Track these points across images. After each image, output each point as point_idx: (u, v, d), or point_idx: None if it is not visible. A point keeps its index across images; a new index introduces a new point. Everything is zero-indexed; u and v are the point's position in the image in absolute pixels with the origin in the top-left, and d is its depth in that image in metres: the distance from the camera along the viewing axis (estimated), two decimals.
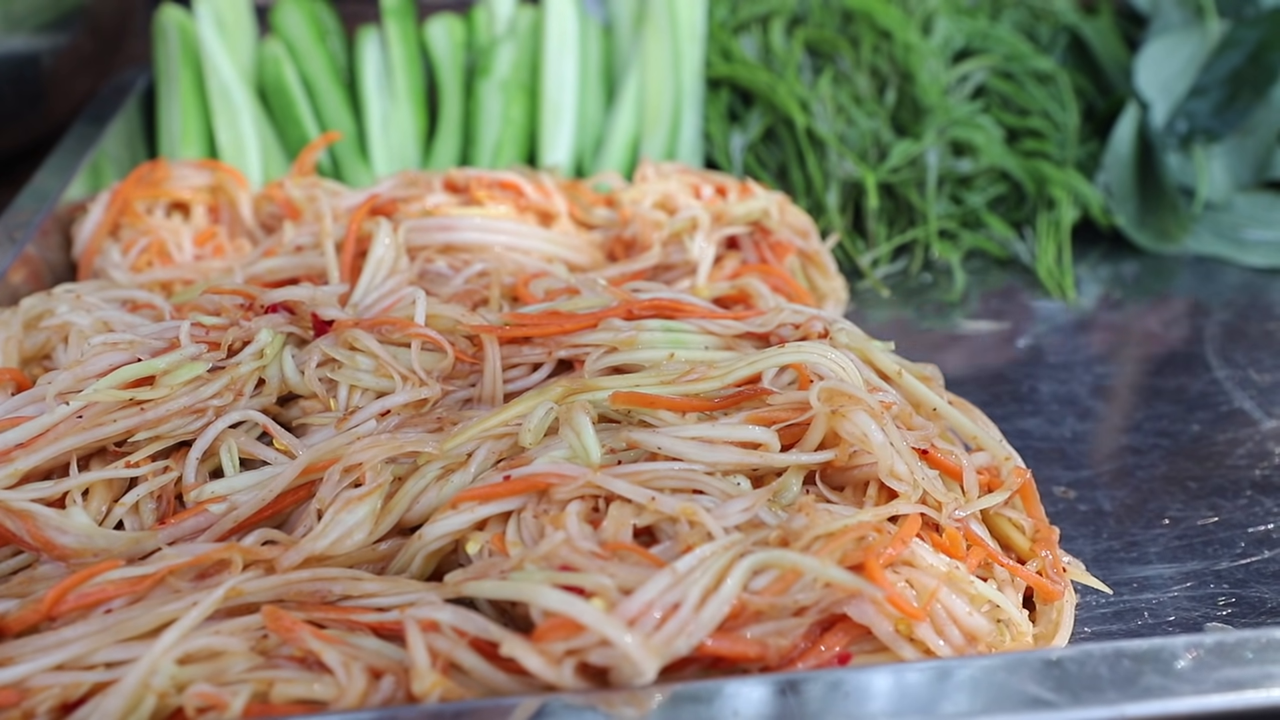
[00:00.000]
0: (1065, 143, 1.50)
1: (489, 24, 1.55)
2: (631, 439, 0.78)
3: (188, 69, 1.41)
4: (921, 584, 0.72)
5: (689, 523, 0.71)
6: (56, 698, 0.64)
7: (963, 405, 0.90)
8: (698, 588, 0.65)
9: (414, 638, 0.65)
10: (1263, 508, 0.98)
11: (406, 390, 0.85)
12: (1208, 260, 1.45)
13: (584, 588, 0.65)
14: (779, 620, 0.68)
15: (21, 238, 1.12)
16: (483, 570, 0.69)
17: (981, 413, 0.90)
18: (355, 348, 0.87)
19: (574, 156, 1.45)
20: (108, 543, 0.75)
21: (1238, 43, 1.52)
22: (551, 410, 0.81)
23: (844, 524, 0.71)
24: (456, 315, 0.90)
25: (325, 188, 1.21)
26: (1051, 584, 0.79)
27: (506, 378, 0.90)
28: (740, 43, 1.54)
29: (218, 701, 0.63)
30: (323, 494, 0.77)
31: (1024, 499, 0.85)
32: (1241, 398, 1.15)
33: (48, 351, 0.97)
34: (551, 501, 0.74)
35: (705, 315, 0.91)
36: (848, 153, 1.39)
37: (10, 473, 0.77)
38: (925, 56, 1.47)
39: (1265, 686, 0.62)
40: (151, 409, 0.81)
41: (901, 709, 0.61)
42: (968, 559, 0.77)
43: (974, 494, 0.81)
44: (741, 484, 0.77)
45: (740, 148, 1.46)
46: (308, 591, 0.72)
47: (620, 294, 0.93)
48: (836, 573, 0.68)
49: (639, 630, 0.63)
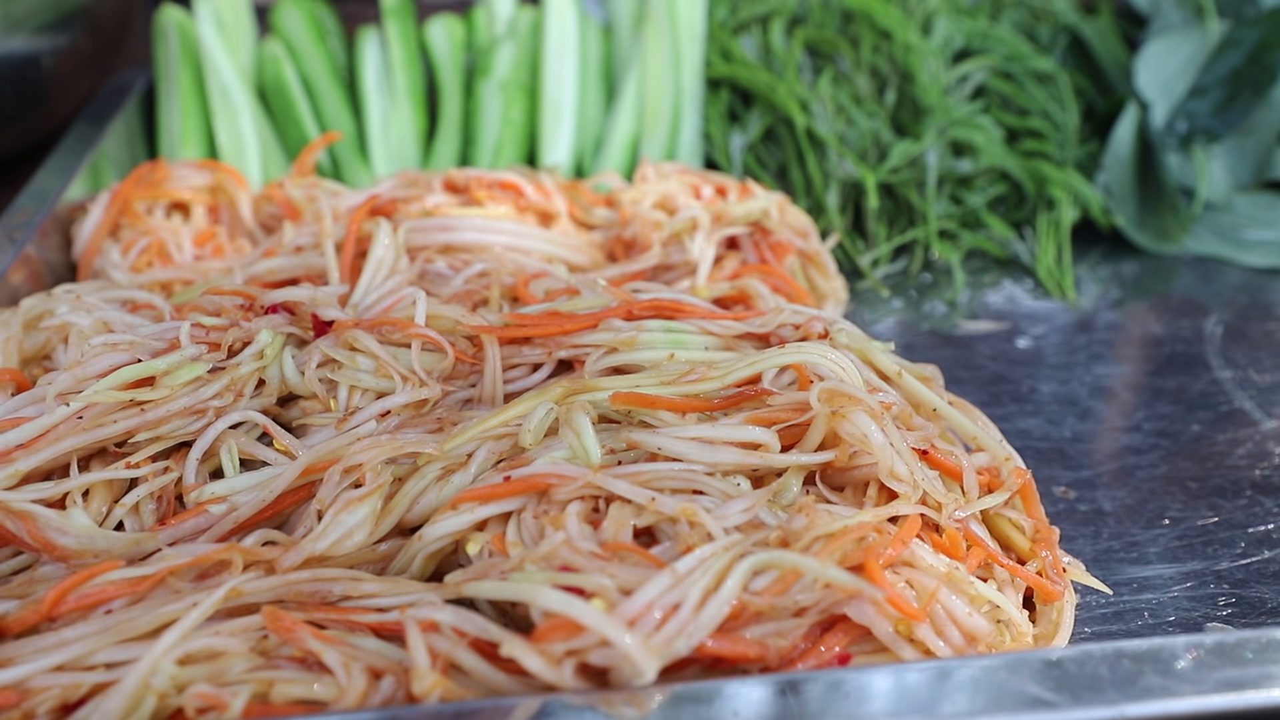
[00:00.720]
0: (1065, 143, 1.50)
1: (489, 24, 1.56)
2: (632, 439, 0.78)
3: (188, 69, 1.41)
4: (921, 584, 0.72)
5: (689, 523, 0.71)
6: (57, 698, 0.64)
7: (963, 406, 0.90)
8: (698, 588, 0.65)
9: (414, 638, 0.65)
10: (1263, 508, 0.98)
11: (407, 391, 0.85)
12: (1208, 260, 1.45)
13: (584, 588, 0.65)
14: (779, 621, 0.68)
15: (21, 238, 1.12)
16: (483, 571, 0.69)
17: (981, 413, 0.90)
18: (355, 348, 0.87)
19: (574, 157, 1.45)
20: (108, 544, 0.75)
21: (1238, 43, 1.52)
22: (551, 411, 0.81)
23: (844, 525, 0.71)
24: (457, 316, 0.90)
25: (325, 188, 1.21)
26: (1051, 584, 0.79)
27: (507, 378, 0.90)
28: (740, 43, 1.54)
29: (218, 702, 0.63)
30: (323, 495, 0.77)
31: (1024, 499, 0.85)
32: (1241, 398, 1.15)
33: (48, 352, 0.97)
34: (551, 502, 0.74)
35: (705, 316, 0.91)
36: (848, 153, 1.39)
37: (11, 473, 0.77)
38: (925, 56, 1.47)
39: (1265, 687, 0.62)
40: (152, 410, 0.81)
41: (901, 709, 0.61)
42: (968, 559, 0.77)
43: (974, 494, 0.81)
44: (741, 484, 0.77)
45: (740, 148, 1.46)
46: (308, 592, 0.72)
47: (620, 294, 0.93)
48: (837, 573, 0.68)
49: (639, 630, 0.63)
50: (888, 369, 0.87)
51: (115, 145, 1.38)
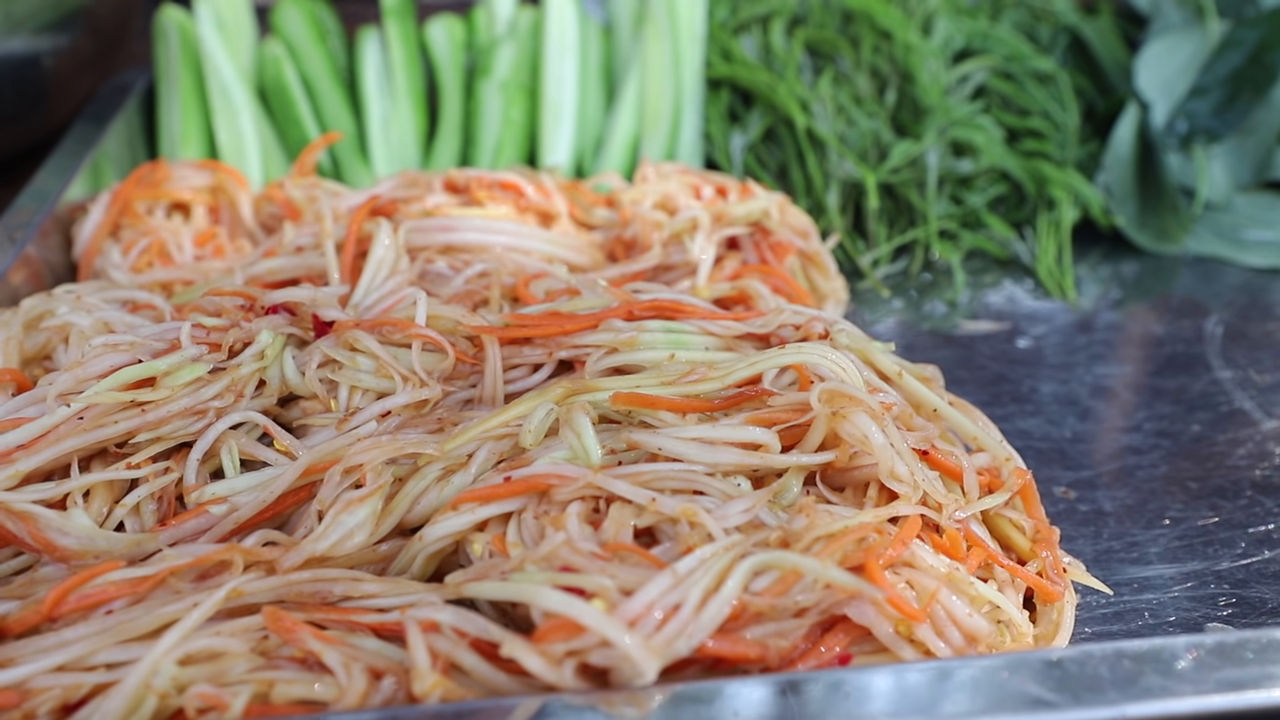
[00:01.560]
0: (1065, 143, 1.50)
1: (489, 24, 1.56)
2: (632, 439, 0.78)
3: (188, 69, 1.41)
4: (922, 585, 0.72)
5: (689, 524, 0.71)
6: (57, 699, 0.64)
7: (963, 406, 0.90)
8: (698, 589, 0.65)
9: (414, 638, 0.65)
10: (1263, 508, 0.98)
11: (407, 391, 0.85)
12: (1208, 260, 1.45)
13: (585, 589, 0.65)
14: (779, 621, 0.68)
15: (22, 238, 1.12)
16: (483, 571, 0.69)
17: (982, 413, 0.90)
18: (356, 349, 0.88)
19: (574, 157, 1.45)
20: (109, 545, 0.75)
21: (1238, 43, 1.52)
22: (552, 411, 0.81)
23: (844, 525, 0.71)
24: (457, 316, 0.90)
25: (325, 188, 1.21)
26: (1052, 585, 0.79)
27: (507, 378, 0.90)
28: (740, 43, 1.54)
29: (218, 702, 0.63)
30: (323, 495, 0.77)
31: (1024, 500, 0.85)
32: (1242, 398, 1.15)
33: (48, 352, 0.97)
34: (552, 502, 0.74)
35: (706, 316, 0.91)
36: (848, 153, 1.39)
37: (11, 474, 0.77)
38: (925, 57, 1.47)
39: (1266, 687, 0.62)
40: (152, 410, 0.81)
41: (902, 709, 0.61)
42: (968, 560, 0.77)
43: (974, 495, 0.81)
44: (742, 485, 0.77)
45: (740, 148, 1.46)
46: (308, 592, 0.72)
47: (621, 294, 0.93)
48: (837, 574, 0.68)
49: (640, 631, 0.63)
50: (888, 369, 0.87)
51: (115, 145, 1.38)
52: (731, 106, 1.51)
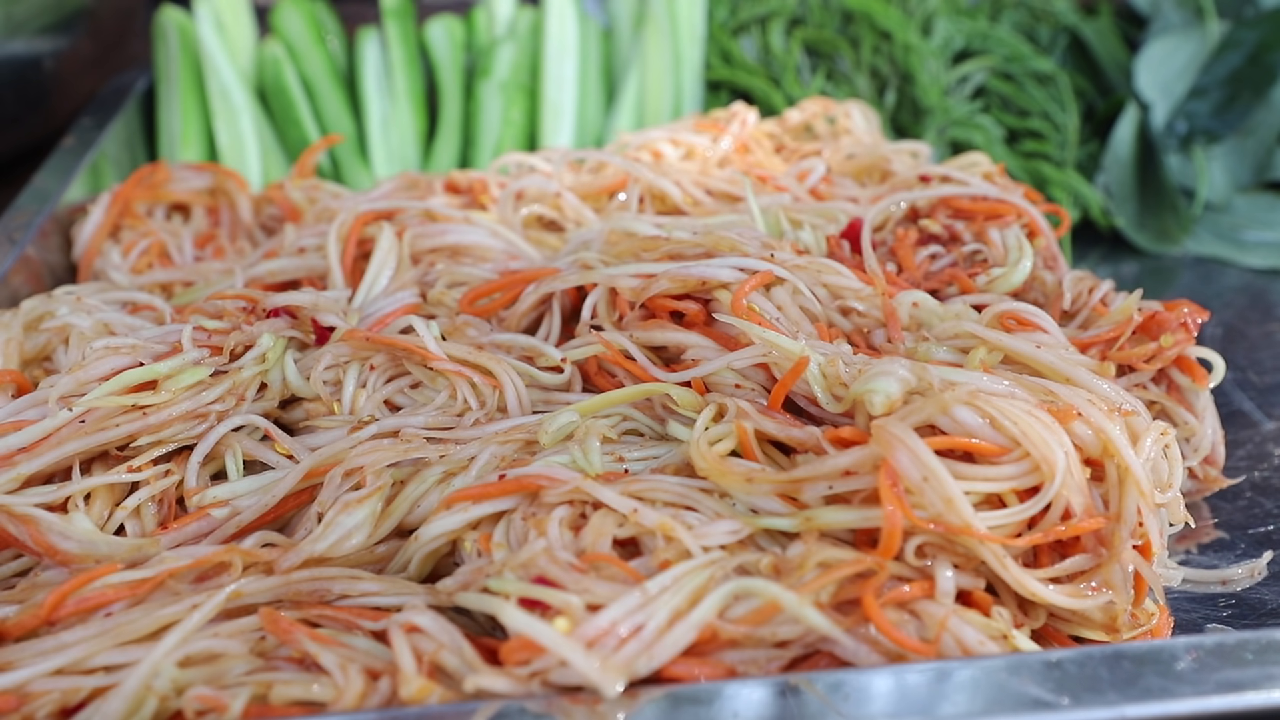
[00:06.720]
0: (1065, 144, 1.50)
1: (489, 25, 1.56)
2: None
3: (188, 70, 1.41)
4: (929, 613, 0.68)
5: (665, 538, 0.69)
6: (56, 702, 0.64)
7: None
8: (666, 609, 0.64)
9: (399, 643, 0.65)
10: (1262, 509, 0.98)
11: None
12: (1208, 261, 1.45)
13: (551, 604, 0.64)
14: (758, 649, 0.67)
15: (21, 239, 1.13)
16: (470, 577, 0.69)
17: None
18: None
19: None
20: (110, 549, 0.74)
21: (1238, 43, 1.52)
22: (574, 421, 0.80)
23: (841, 556, 0.68)
24: (464, 355, 0.88)
25: (326, 189, 1.21)
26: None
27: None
28: (740, 43, 1.54)
29: (217, 704, 0.63)
30: (323, 497, 0.77)
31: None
32: (1241, 399, 1.15)
33: (48, 353, 0.97)
34: (541, 505, 0.73)
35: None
36: None
37: (13, 477, 0.77)
38: (925, 57, 1.47)
39: (1265, 688, 0.62)
40: (153, 413, 0.81)
41: (901, 710, 0.61)
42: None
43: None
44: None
45: None
46: (306, 592, 0.72)
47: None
48: (811, 613, 0.65)
49: (598, 651, 0.62)
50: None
51: (115, 146, 1.38)
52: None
